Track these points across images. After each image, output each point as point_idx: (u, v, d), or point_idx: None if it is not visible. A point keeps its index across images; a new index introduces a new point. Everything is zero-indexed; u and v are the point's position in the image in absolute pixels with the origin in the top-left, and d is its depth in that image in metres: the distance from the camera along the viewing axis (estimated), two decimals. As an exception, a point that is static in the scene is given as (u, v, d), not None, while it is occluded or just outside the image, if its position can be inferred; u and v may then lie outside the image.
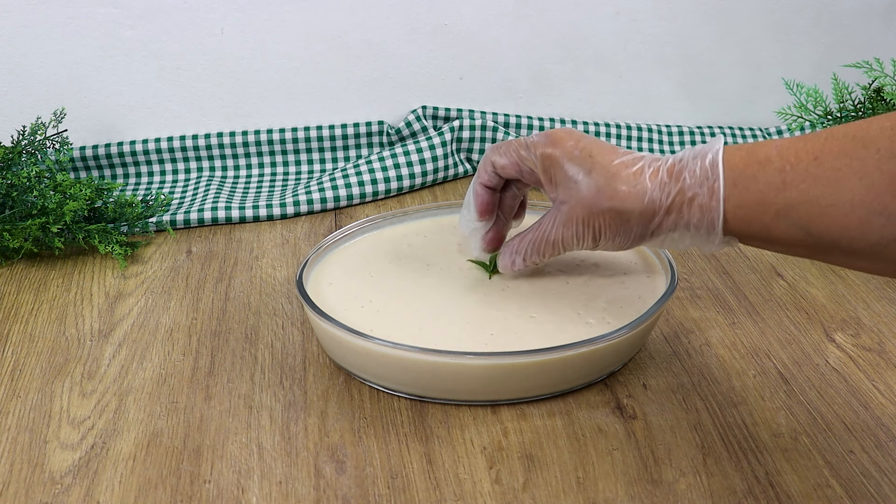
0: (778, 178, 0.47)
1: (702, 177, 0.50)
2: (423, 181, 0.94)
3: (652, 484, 0.52)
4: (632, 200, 0.52)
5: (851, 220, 0.45)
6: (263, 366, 0.64)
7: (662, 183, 0.51)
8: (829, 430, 0.56)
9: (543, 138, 0.56)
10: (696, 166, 0.50)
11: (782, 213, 0.47)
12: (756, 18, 1.04)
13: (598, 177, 0.53)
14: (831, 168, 0.45)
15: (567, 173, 0.55)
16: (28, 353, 0.66)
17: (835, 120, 0.85)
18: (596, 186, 0.53)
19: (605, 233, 0.54)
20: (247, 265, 0.79)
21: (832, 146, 0.46)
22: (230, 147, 0.97)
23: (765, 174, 0.48)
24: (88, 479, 0.53)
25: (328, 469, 0.54)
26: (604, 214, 0.53)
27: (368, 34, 0.97)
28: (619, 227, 0.54)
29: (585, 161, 0.54)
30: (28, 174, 0.77)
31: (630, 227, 0.53)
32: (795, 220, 0.47)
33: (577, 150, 0.54)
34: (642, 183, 0.52)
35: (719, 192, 0.49)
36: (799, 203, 0.47)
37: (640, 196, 0.52)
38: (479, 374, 0.56)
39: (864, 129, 0.45)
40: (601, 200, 0.53)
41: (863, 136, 0.45)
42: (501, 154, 0.59)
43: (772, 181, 0.47)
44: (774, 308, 0.71)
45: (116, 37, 0.92)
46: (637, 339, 0.61)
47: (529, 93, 1.03)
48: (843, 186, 0.45)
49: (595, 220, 0.54)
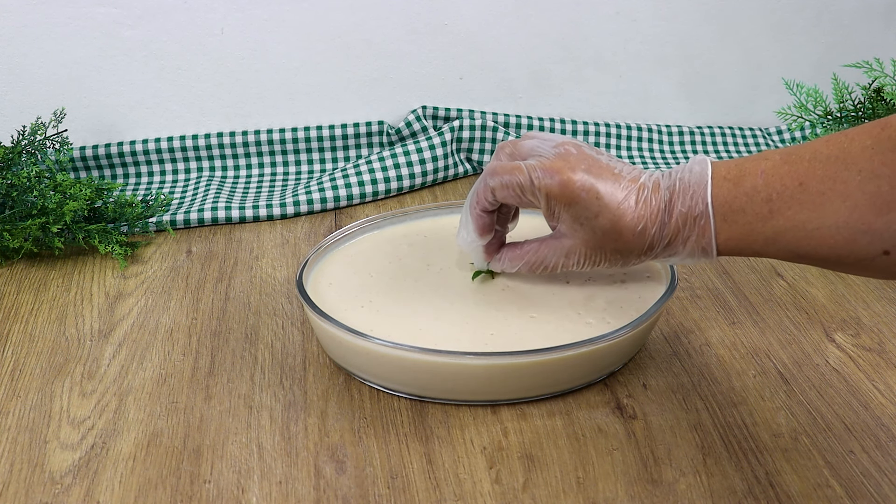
0: (765, 207, 0.49)
1: (693, 217, 0.52)
2: (423, 181, 0.94)
3: (652, 484, 0.52)
4: (635, 243, 0.54)
5: (837, 240, 0.47)
6: (263, 366, 0.64)
7: (662, 224, 0.53)
8: (829, 430, 0.56)
9: (547, 174, 0.55)
10: (686, 207, 0.52)
11: (771, 240, 0.49)
12: (756, 18, 1.04)
13: (605, 221, 0.54)
14: (816, 192, 0.47)
15: (572, 216, 0.56)
16: (28, 353, 0.66)
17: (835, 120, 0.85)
18: (602, 231, 0.55)
19: (603, 265, 0.57)
20: (247, 265, 0.79)
21: (815, 169, 0.47)
22: (230, 147, 0.97)
23: (752, 205, 0.50)
24: (88, 479, 0.53)
25: (328, 469, 0.54)
26: (606, 253, 0.56)
27: (368, 34, 0.97)
28: (619, 261, 0.56)
29: (592, 204, 0.54)
30: (28, 174, 0.77)
31: (629, 259, 0.56)
32: (784, 245, 0.49)
33: (583, 193, 0.54)
34: (644, 225, 0.54)
35: (711, 230, 0.52)
36: (786, 229, 0.48)
37: (642, 239, 0.54)
38: (479, 374, 0.56)
39: (845, 148, 0.46)
40: (606, 243, 0.55)
41: (844, 157, 0.46)
42: (501, 185, 0.58)
43: (759, 211, 0.49)
44: (774, 308, 0.71)
45: (116, 37, 0.92)
46: (637, 339, 0.61)
47: (529, 93, 1.03)
48: (828, 210, 0.46)
49: (597, 256, 0.56)
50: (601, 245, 0.55)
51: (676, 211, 0.53)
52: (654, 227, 0.53)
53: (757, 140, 1.07)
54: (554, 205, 0.56)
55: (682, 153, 1.05)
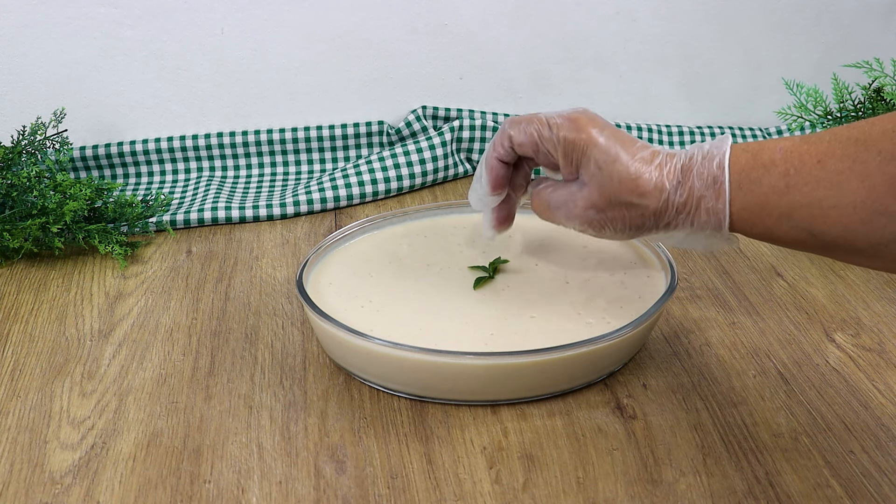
0: (782, 181, 0.48)
1: (709, 179, 0.51)
2: (423, 181, 0.94)
3: (652, 484, 0.52)
4: (651, 197, 0.53)
5: (853, 220, 0.46)
6: (263, 366, 0.64)
7: (677, 182, 0.52)
8: (829, 430, 0.56)
9: (566, 122, 0.56)
10: (704, 169, 0.51)
11: (785, 215, 0.48)
12: (756, 18, 1.04)
13: (622, 168, 0.53)
14: (834, 171, 0.46)
15: (591, 160, 0.55)
16: (28, 353, 0.66)
17: (835, 120, 0.85)
18: (619, 178, 0.53)
19: (616, 223, 0.55)
20: (247, 265, 0.79)
21: (835, 149, 0.46)
22: (230, 147, 0.97)
23: (769, 177, 0.49)
24: (88, 479, 0.53)
25: (328, 469, 0.54)
26: (622, 206, 0.54)
27: (368, 34, 0.97)
28: (633, 220, 0.54)
29: (610, 150, 0.54)
30: (28, 174, 0.77)
31: (643, 220, 0.54)
32: (798, 222, 0.48)
33: (601, 139, 0.54)
34: (661, 180, 0.53)
35: (725, 195, 0.51)
36: (802, 205, 0.47)
37: (658, 193, 0.53)
38: (479, 374, 0.56)
39: (866, 131, 0.46)
40: (622, 193, 0.54)
41: (865, 139, 0.45)
42: (520, 131, 0.58)
43: (775, 184, 0.48)
44: (774, 308, 0.71)
45: (116, 37, 0.92)
46: (637, 339, 0.61)
47: (529, 93, 1.03)
48: (846, 188, 0.46)
49: (611, 210, 0.55)
50: (617, 195, 0.54)
51: (694, 172, 0.52)
52: (670, 185, 0.52)
53: (760, 140, 1.07)
54: (571, 151, 0.55)
55: (682, 153, 1.05)
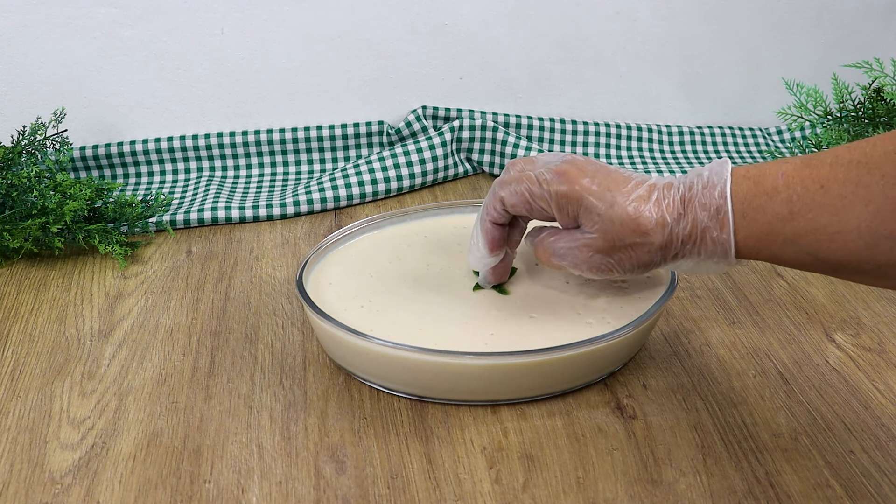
0: (785, 208, 0.48)
1: (712, 210, 0.51)
2: (423, 181, 0.94)
3: (652, 484, 0.52)
4: (654, 234, 0.53)
5: (858, 245, 0.46)
6: (263, 366, 0.64)
7: (679, 215, 0.52)
8: (829, 430, 0.56)
9: (556, 176, 0.55)
10: (706, 199, 0.51)
11: (790, 241, 0.48)
12: (756, 18, 1.04)
13: (621, 211, 0.53)
14: (837, 196, 0.46)
15: (588, 210, 0.54)
16: (28, 353, 0.66)
17: (835, 120, 0.85)
18: (619, 221, 0.53)
19: (624, 264, 0.55)
20: (247, 265, 0.79)
21: (837, 173, 0.46)
22: (230, 147, 0.97)
23: (772, 205, 0.49)
24: (88, 479, 0.53)
25: (328, 469, 0.54)
26: (627, 247, 0.54)
27: (368, 34, 0.97)
28: (640, 258, 0.54)
29: (605, 196, 0.54)
30: (28, 174, 0.77)
31: (651, 257, 0.54)
32: (803, 247, 0.48)
33: (594, 186, 0.54)
34: (661, 216, 0.53)
35: (729, 225, 0.51)
36: (806, 232, 0.47)
37: (661, 229, 0.53)
38: (479, 374, 0.56)
39: (868, 153, 0.46)
40: (625, 235, 0.54)
41: (867, 162, 0.45)
42: (511, 192, 0.57)
43: (779, 212, 0.48)
44: (774, 308, 0.71)
45: (116, 37, 0.92)
46: (637, 339, 0.61)
47: (529, 93, 1.03)
48: (850, 214, 0.46)
49: (617, 253, 0.55)
50: (621, 237, 0.54)
51: (696, 203, 0.52)
52: (671, 219, 0.52)
53: (757, 140, 1.07)
54: (566, 204, 0.55)
55: (682, 153, 1.05)
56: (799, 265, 0.50)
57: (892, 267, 0.46)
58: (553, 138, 1.02)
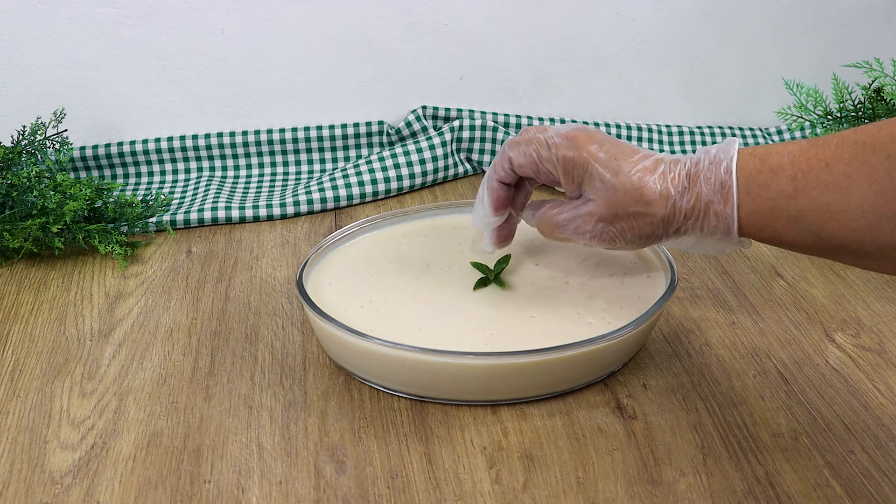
0: (790, 185, 0.48)
1: (717, 184, 0.51)
2: (423, 181, 0.94)
3: (652, 484, 0.52)
4: (657, 205, 0.53)
5: (861, 224, 0.46)
6: (263, 366, 0.64)
7: (683, 189, 0.52)
8: (829, 430, 0.56)
9: (565, 140, 0.56)
10: (711, 174, 0.52)
11: (793, 220, 0.48)
12: (756, 18, 1.04)
13: (625, 179, 0.53)
14: (842, 174, 0.46)
15: (593, 176, 0.55)
16: (28, 353, 0.66)
17: (835, 120, 0.85)
18: (623, 189, 0.53)
19: (626, 234, 0.55)
20: (247, 265, 0.79)
21: (843, 153, 0.47)
22: (230, 147, 0.97)
23: (777, 182, 0.49)
24: (88, 479, 0.53)
25: (328, 469, 0.54)
26: (630, 216, 0.54)
27: (368, 34, 0.97)
28: (641, 230, 0.54)
29: (611, 164, 0.54)
30: (28, 174, 0.77)
31: (653, 228, 0.54)
32: (806, 226, 0.48)
33: (601, 153, 0.54)
34: (666, 188, 0.53)
35: (733, 200, 0.51)
36: (810, 210, 0.48)
37: (664, 201, 0.53)
38: (479, 374, 0.56)
39: (874, 134, 0.46)
40: (628, 203, 0.54)
41: (873, 143, 0.46)
42: (520, 153, 0.58)
43: (783, 189, 0.48)
44: (774, 308, 0.71)
45: (116, 37, 0.92)
46: (637, 339, 0.61)
47: (529, 93, 1.03)
48: (854, 193, 0.46)
49: (619, 222, 0.55)
50: (623, 206, 0.54)
51: (701, 178, 0.52)
52: (675, 192, 0.52)
53: (757, 140, 1.07)
54: (572, 169, 0.55)
55: (682, 153, 1.05)
56: (802, 247, 0.50)
57: (894, 248, 0.46)
58: (553, 138, 1.02)
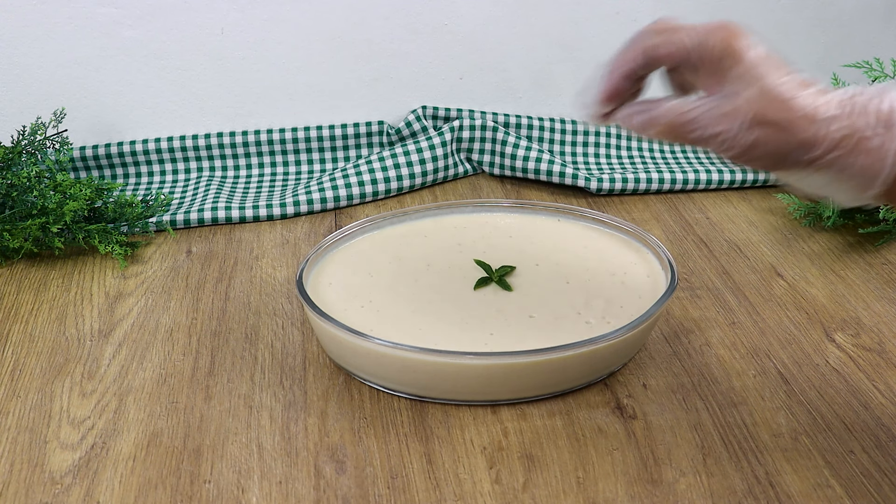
0: None
1: (876, 120, 0.47)
2: (423, 181, 0.94)
3: (652, 484, 0.52)
4: (803, 122, 0.48)
5: None
6: (263, 366, 0.64)
7: (834, 115, 0.48)
8: (829, 430, 0.56)
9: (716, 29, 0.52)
10: (871, 108, 0.47)
11: None
12: (756, 18, 1.04)
13: (777, 84, 0.49)
14: None
15: (744, 71, 0.50)
16: (28, 353, 0.66)
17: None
18: (770, 95, 0.49)
19: (759, 147, 0.50)
20: (247, 265, 0.79)
21: None
22: (230, 147, 0.97)
23: None
24: (88, 479, 0.53)
25: (328, 469, 0.54)
26: (770, 125, 0.49)
27: (368, 34, 0.97)
28: (778, 146, 0.49)
29: (766, 62, 0.49)
30: (28, 174, 0.77)
31: (789, 149, 0.49)
32: None
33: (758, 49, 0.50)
34: (815, 108, 0.48)
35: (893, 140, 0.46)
36: None
37: (811, 120, 0.48)
38: (479, 374, 0.56)
39: None
40: (771, 111, 0.49)
41: None
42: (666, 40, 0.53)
43: None
44: (774, 308, 0.71)
45: (116, 37, 0.92)
46: (637, 339, 0.61)
47: (529, 93, 1.03)
48: None
49: (758, 128, 0.49)
50: (765, 113, 0.49)
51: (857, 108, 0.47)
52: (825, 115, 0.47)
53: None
54: (726, 55, 0.50)
55: (683, 153, 1.05)
56: None
57: None
58: (553, 138, 1.02)
